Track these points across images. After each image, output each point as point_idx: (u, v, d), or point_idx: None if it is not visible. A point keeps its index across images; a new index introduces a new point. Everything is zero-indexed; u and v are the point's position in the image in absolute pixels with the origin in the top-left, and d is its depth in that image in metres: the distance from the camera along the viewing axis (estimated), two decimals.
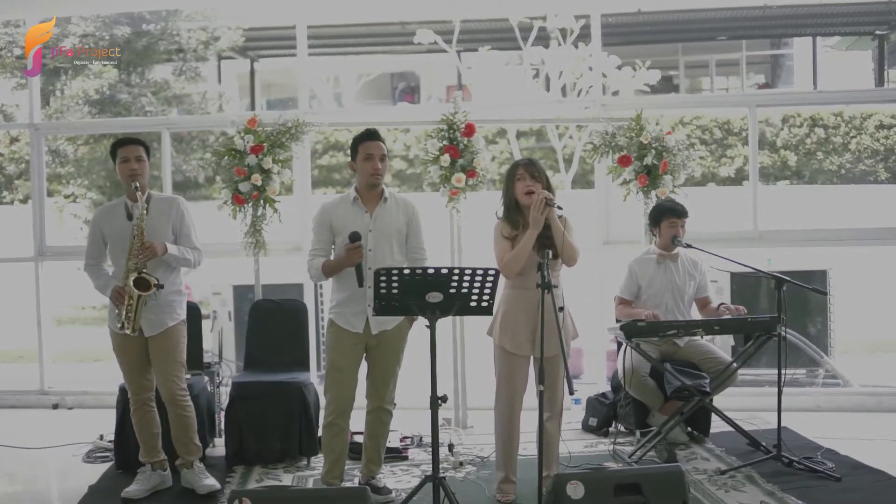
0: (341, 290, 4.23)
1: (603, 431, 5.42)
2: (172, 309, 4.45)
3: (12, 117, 11.80)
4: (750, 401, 5.79)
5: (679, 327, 4.85)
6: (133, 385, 4.46)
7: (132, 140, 4.49)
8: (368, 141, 4.24)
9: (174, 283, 4.46)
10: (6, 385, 7.00)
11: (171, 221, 4.45)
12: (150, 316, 4.37)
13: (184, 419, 4.46)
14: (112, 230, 4.41)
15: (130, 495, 4.35)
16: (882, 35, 17.58)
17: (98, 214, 4.56)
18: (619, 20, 15.25)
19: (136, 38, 12.21)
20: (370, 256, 4.15)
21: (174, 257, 4.38)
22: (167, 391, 4.42)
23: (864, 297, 10.84)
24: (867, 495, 4.24)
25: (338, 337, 4.24)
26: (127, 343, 4.38)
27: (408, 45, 14.76)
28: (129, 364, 4.44)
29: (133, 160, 4.37)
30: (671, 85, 18.87)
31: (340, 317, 4.23)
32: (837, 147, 15.25)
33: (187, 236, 4.49)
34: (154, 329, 4.39)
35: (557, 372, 4.07)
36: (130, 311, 4.27)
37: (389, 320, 4.19)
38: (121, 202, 4.47)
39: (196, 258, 4.50)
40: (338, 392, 4.21)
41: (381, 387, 4.30)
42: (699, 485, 4.41)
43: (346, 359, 4.22)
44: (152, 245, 4.26)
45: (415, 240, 4.31)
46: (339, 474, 4.29)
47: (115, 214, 4.44)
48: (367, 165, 4.20)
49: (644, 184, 5.66)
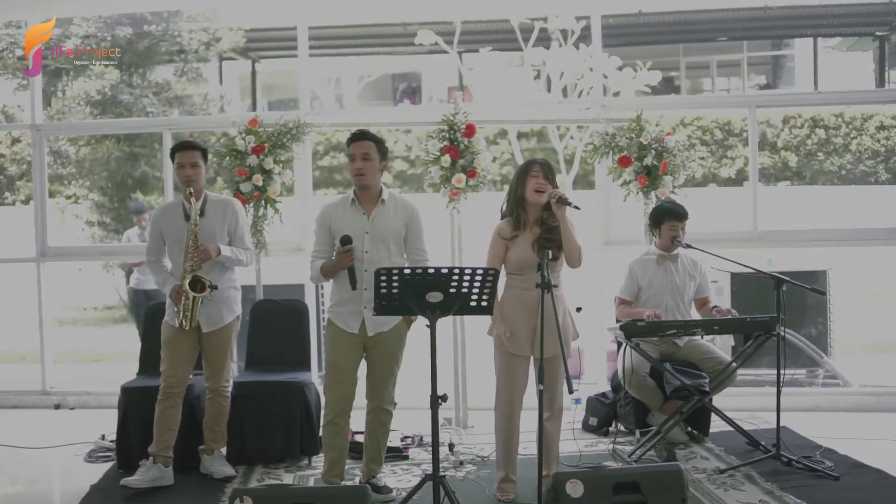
0: (339, 291, 4.26)
1: (603, 431, 5.43)
2: (229, 304, 4.70)
3: (14, 118, 11.82)
4: (749, 401, 5.80)
5: (678, 327, 4.86)
6: (171, 378, 4.56)
7: (189, 145, 4.68)
8: (354, 142, 4.27)
9: (230, 280, 4.71)
10: (8, 385, 7.02)
11: (227, 223, 4.66)
12: (208, 311, 4.58)
13: (222, 409, 4.74)
14: (170, 229, 4.62)
15: (129, 484, 4.41)
16: (883, 36, 17.58)
17: (157, 214, 4.82)
18: (619, 21, 15.26)
19: (138, 39, 12.23)
20: (366, 258, 4.15)
21: (227, 258, 4.59)
22: (216, 381, 4.69)
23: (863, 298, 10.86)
24: (866, 494, 4.25)
25: (335, 337, 4.27)
26: (180, 336, 4.56)
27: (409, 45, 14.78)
28: (176, 357, 4.58)
29: (188, 166, 4.57)
30: (672, 86, 18.87)
31: (338, 317, 4.26)
32: (838, 148, 15.25)
33: (241, 238, 4.71)
34: (212, 325, 4.61)
35: (557, 372, 4.08)
36: (187, 310, 4.47)
37: (386, 322, 4.20)
38: (179, 202, 4.66)
39: (248, 258, 4.74)
40: (337, 391, 4.23)
41: (380, 387, 4.32)
42: (698, 484, 4.43)
43: (344, 358, 4.24)
44: (206, 248, 4.47)
45: (415, 241, 4.32)
46: (340, 473, 4.30)
47: (173, 214, 4.65)
48: (351, 166, 4.27)
49: (644, 184, 5.67)
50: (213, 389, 4.71)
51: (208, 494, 4.45)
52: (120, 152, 11.60)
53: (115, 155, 11.60)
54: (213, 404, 4.72)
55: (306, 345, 5.37)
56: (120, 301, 12.86)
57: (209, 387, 4.71)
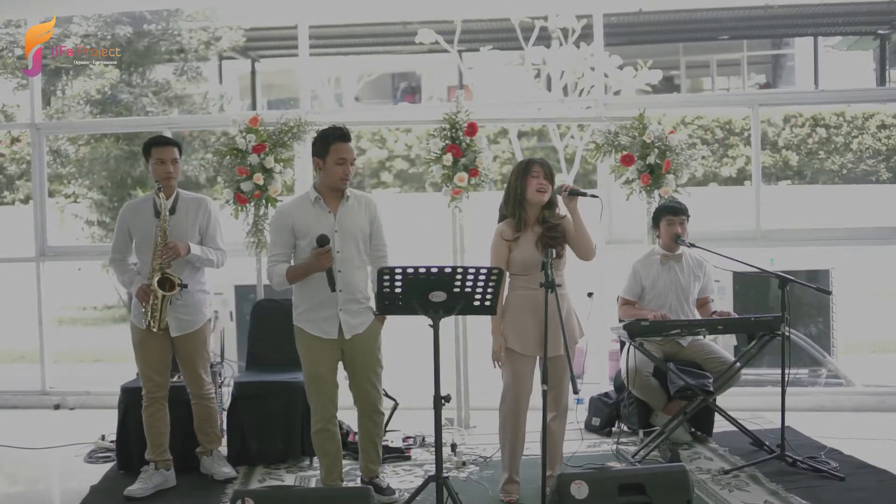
0: (308, 297, 4.09)
1: (606, 431, 5.40)
2: (199, 308, 4.57)
3: (14, 118, 11.80)
4: (752, 400, 5.78)
5: (682, 327, 4.83)
6: (149, 382, 4.49)
7: (168, 141, 4.55)
8: (342, 143, 4.04)
9: (199, 283, 4.57)
10: (7, 385, 7.00)
11: (199, 222, 4.54)
12: (178, 316, 4.46)
13: (209, 410, 4.67)
14: (138, 226, 4.48)
15: (133, 494, 4.36)
16: (884, 35, 17.57)
17: (125, 210, 4.61)
18: (620, 20, 15.25)
19: (138, 39, 12.19)
20: (338, 258, 4.02)
21: (197, 257, 4.47)
22: (196, 386, 4.62)
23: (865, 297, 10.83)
24: (871, 495, 4.23)
25: (311, 345, 4.11)
26: (150, 340, 4.45)
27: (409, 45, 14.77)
28: (149, 361, 4.49)
29: (169, 163, 4.45)
30: (672, 85, 18.86)
31: (311, 324, 4.10)
32: (839, 147, 15.24)
33: (212, 237, 4.59)
34: (182, 329, 4.50)
35: (562, 371, 4.05)
36: (156, 310, 4.36)
37: (361, 323, 4.11)
38: (149, 198, 4.53)
39: (219, 259, 4.61)
40: (322, 400, 4.14)
41: (369, 391, 4.22)
42: (703, 484, 4.40)
43: (324, 367, 4.11)
44: (175, 245, 4.34)
45: (378, 238, 4.20)
46: (339, 475, 4.27)
47: (143, 211, 4.50)
48: (339, 170, 4.02)
49: (647, 183, 5.65)
50: (195, 394, 4.64)
51: (210, 496, 4.43)
52: (119, 151, 11.56)
53: (115, 154, 11.57)
54: (198, 408, 4.66)
55: None
56: (120, 301, 12.83)
57: (191, 392, 4.64)
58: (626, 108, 6.12)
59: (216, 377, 5.30)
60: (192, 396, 4.65)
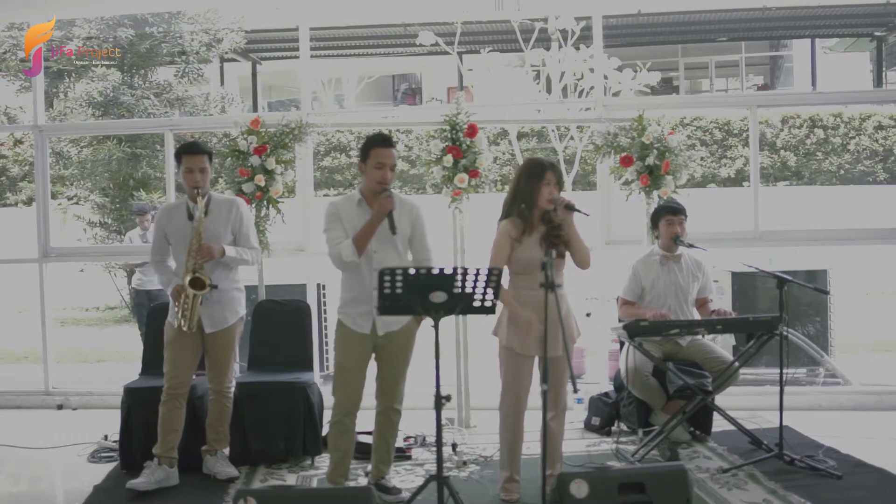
0: (348, 290, 4.23)
1: (605, 431, 5.43)
2: (233, 306, 4.67)
3: (17, 120, 11.83)
4: (750, 400, 5.80)
5: (681, 326, 4.87)
6: (174, 379, 4.55)
7: (198, 149, 4.61)
8: (382, 148, 4.16)
9: (233, 281, 4.68)
10: (11, 385, 7.02)
11: (231, 223, 4.64)
12: (211, 312, 4.57)
13: (226, 409, 4.73)
14: (173, 229, 4.60)
15: (136, 486, 4.40)
16: (880, 37, 17.62)
17: (161, 214, 4.77)
18: (618, 22, 15.30)
19: (139, 41, 12.24)
20: (376, 258, 4.13)
21: (232, 259, 4.58)
22: (219, 383, 4.68)
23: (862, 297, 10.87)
24: (869, 493, 4.26)
25: (345, 338, 4.24)
26: (183, 337, 4.54)
27: (409, 46, 14.80)
28: (179, 358, 4.57)
29: (197, 171, 4.53)
30: (671, 86, 18.89)
31: (348, 317, 4.23)
32: (837, 148, 15.27)
33: (246, 237, 4.69)
34: (216, 326, 4.59)
35: (562, 371, 4.09)
36: (186, 309, 4.45)
37: (396, 321, 4.19)
38: (183, 202, 4.64)
39: (254, 258, 4.72)
40: (346, 392, 4.22)
41: (392, 387, 4.30)
42: (702, 483, 4.43)
43: (353, 360, 4.22)
44: (209, 247, 4.45)
45: (420, 241, 4.29)
46: (345, 472, 4.30)
47: (177, 214, 4.62)
48: (377, 174, 4.14)
49: (646, 184, 5.68)
50: (216, 391, 4.70)
51: (212, 495, 4.44)
52: (121, 153, 11.59)
53: (117, 156, 11.60)
54: (216, 405, 4.72)
55: (308, 345, 5.37)
56: (122, 301, 12.87)
57: (212, 388, 4.70)
58: (625, 110, 6.15)
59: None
60: (213, 393, 4.69)
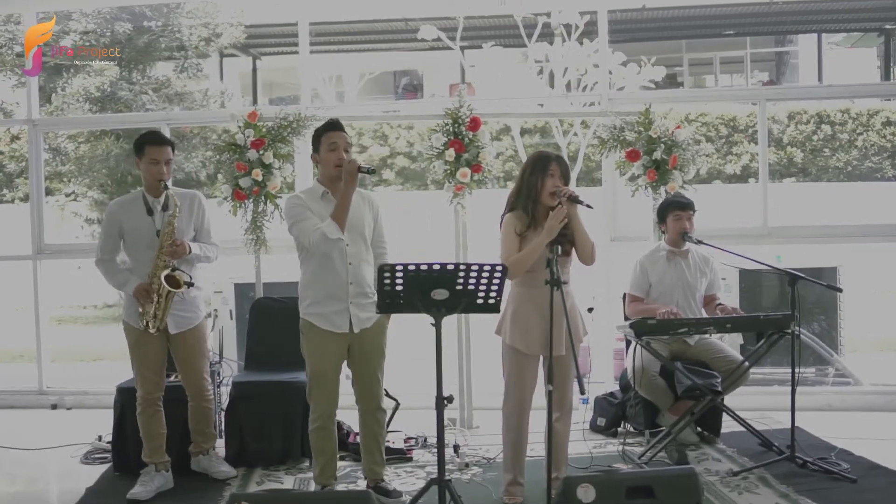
0: (321, 288, 4.04)
1: (611, 432, 5.32)
2: (196, 305, 4.47)
3: (12, 115, 11.73)
4: (759, 400, 5.69)
5: (690, 325, 4.74)
6: (146, 384, 4.38)
7: (163, 140, 4.40)
8: (332, 131, 4.09)
9: (195, 279, 4.44)
10: (5, 385, 6.93)
11: (193, 218, 4.44)
12: (176, 314, 4.35)
13: (206, 411, 4.56)
14: (131, 225, 4.34)
15: (137, 496, 4.27)
16: (888, 31, 17.47)
17: (114, 208, 4.42)
18: (623, 16, 15.16)
19: (137, 35, 12.11)
20: (349, 251, 4.02)
21: (196, 255, 4.38)
22: (194, 385, 4.50)
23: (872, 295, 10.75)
24: (885, 497, 4.14)
25: (320, 340, 4.05)
26: (147, 340, 4.34)
27: (411, 41, 14.66)
28: (146, 362, 4.38)
29: (163, 163, 4.32)
30: (675, 82, 18.76)
31: (321, 318, 4.04)
32: (844, 144, 15.13)
33: (207, 232, 4.51)
34: (181, 327, 4.39)
35: (567, 370, 3.96)
36: (158, 310, 4.24)
37: (369, 318, 4.06)
38: (138, 196, 4.40)
39: (215, 253, 4.52)
40: (324, 397, 4.09)
41: (373, 387, 4.17)
42: (712, 486, 4.31)
43: (329, 363, 4.07)
44: (183, 244, 4.26)
45: (379, 235, 4.21)
46: (333, 473, 4.19)
47: (134, 208, 4.36)
48: (332, 156, 4.04)
49: (653, 179, 5.56)
50: (195, 394, 4.51)
51: (208, 496, 4.35)
52: (119, 149, 11.49)
53: (114, 152, 11.50)
54: (196, 410, 4.54)
55: None
56: (120, 299, 12.76)
57: (189, 393, 4.51)
58: (631, 104, 6.05)
59: (214, 377, 5.22)
60: (190, 398, 4.52)
